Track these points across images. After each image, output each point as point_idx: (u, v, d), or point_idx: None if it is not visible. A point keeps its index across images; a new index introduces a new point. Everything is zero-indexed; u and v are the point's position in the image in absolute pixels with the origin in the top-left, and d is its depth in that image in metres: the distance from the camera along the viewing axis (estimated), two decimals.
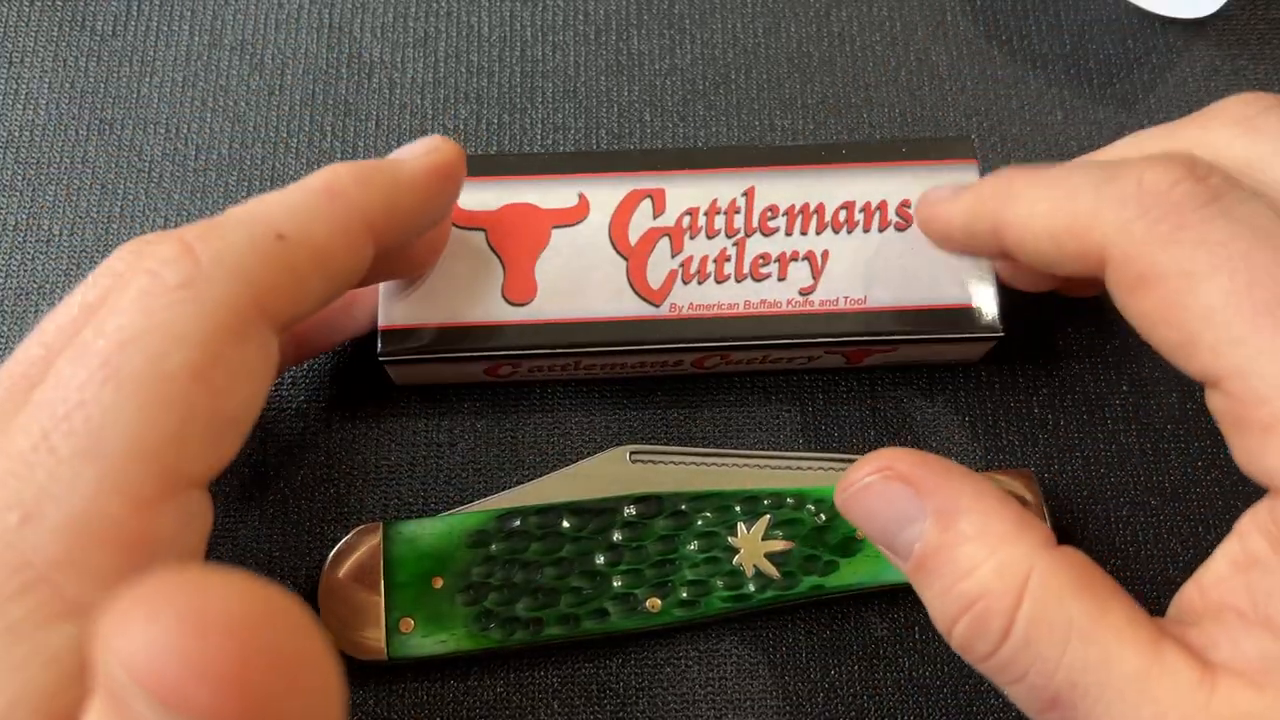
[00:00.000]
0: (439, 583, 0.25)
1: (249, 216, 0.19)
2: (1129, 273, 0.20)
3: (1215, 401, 0.20)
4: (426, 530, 0.25)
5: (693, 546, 0.25)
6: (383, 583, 0.24)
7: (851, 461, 0.26)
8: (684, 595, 0.25)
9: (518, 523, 0.25)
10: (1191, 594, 0.21)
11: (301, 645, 0.12)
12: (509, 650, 0.25)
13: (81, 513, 0.16)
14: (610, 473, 0.26)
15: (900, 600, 0.27)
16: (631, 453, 0.27)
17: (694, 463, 0.27)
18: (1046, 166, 0.23)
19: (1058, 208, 0.21)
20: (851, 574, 0.25)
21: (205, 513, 0.17)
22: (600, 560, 0.25)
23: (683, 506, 0.26)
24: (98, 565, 0.16)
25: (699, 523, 0.25)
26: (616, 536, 0.25)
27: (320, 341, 0.26)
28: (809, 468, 0.27)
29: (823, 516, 0.25)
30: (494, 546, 0.25)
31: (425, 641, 0.24)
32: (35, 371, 0.18)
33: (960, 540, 0.20)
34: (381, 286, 0.26)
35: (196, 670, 0.11)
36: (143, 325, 0.17)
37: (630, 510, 0.25)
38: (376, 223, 0.20)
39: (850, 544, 0.25)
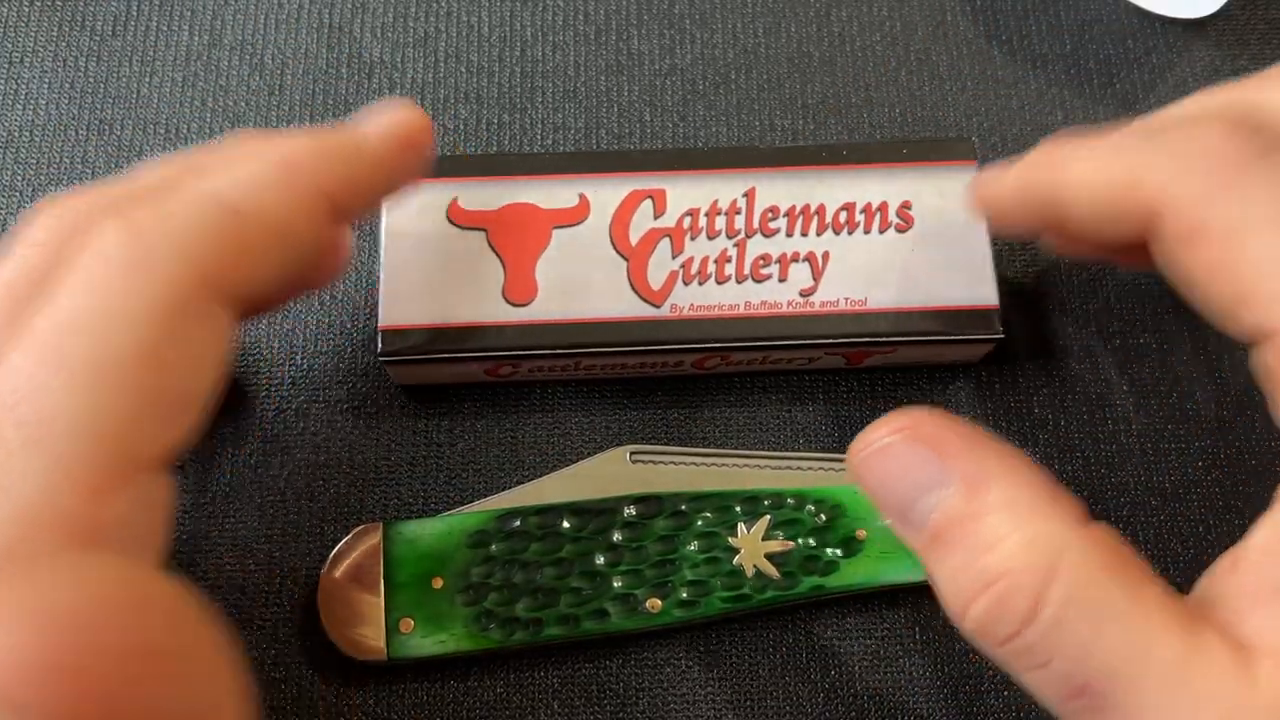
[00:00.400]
0: (439, 583, 0.25)
1: (199, 190, 0.18)
2: (1181, 227, 0.20)
3: (1263, 358, 0.19)
4: (426, 530, 0.25)
5: (693, 547, 0.25)
6: (383, 583, 0.24)
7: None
8: (684, 595, 0.25)
9: (518, 523, 0.25)
10: (1224, 572, 0.19)
11: (162, 634, 0.12)
12: (509, 650, 0.25)
13: (32, 504, 0.15)
14: (610, 473, 0.26)
15: (901, 600, 0.27)
16: (631, 453, 0.27)
17: (694, 463, 0.27)
18: (1096, 133, 0.22)
19: (1110, 167, 0.21)
20: (852, 574, 0.25)
21: (164, 495, 0.17)
22: (600, 560, 0.25)
23: (683, 507, 0.26)
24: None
25: (699, 523, 0.25)
26: (616, 537, 0.25)
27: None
28: (809, 468, 0.27)
29: (823, 517, 0.25)
30: (494, 547, 0.25)
31: (425, 642, 0.24)
32: None
33: (986, 510, 0.18)
34: (382, 286, 0.26)
35: (30, 668, 0.11)
36: (90, 308, 0.16)
37: (630, 510, 0.25)
38: (335, 194, 0.20)
39: (851, 544, 0.25)
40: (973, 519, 0.18)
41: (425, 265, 0.26)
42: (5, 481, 0.15)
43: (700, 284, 0.26)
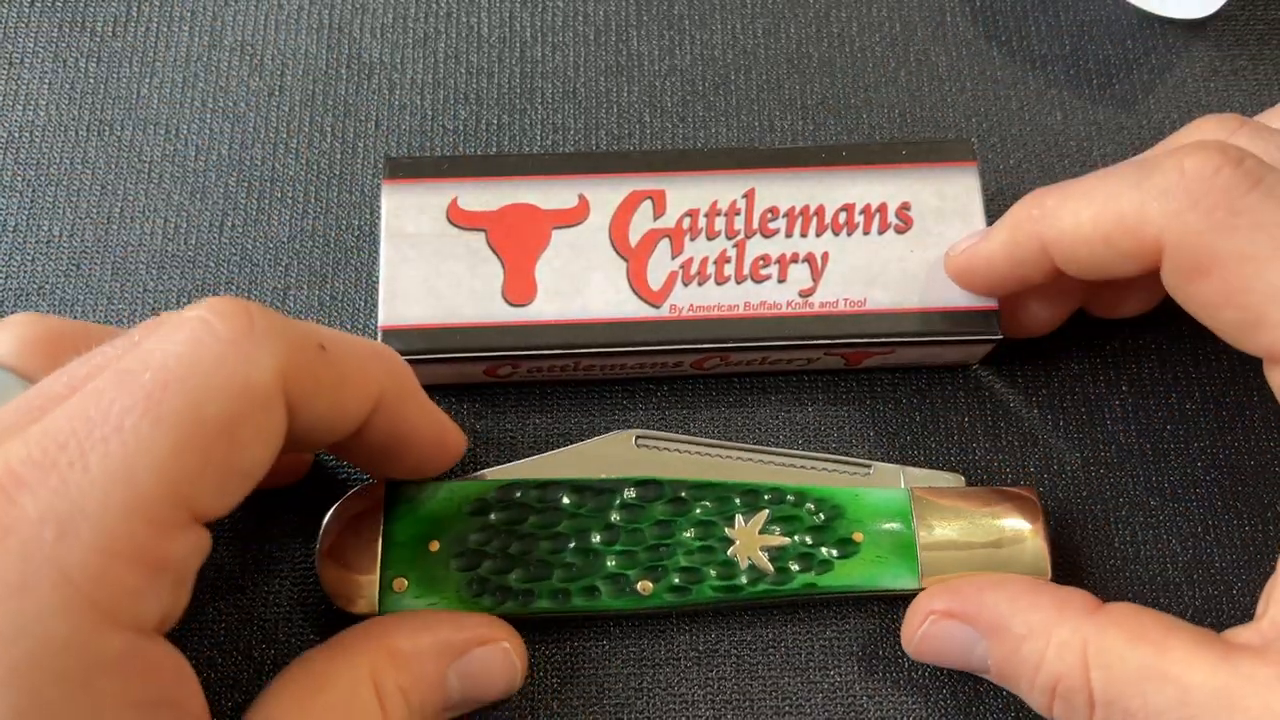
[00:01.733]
0: (435, 546, 0.25)
1: (303, 323, 0.20)
2: (1186, 262, 0.21)
3: (1278, 376, 0.21)
4: (428, 494, 0.25)
5: (689, 534, 0.25)
6: (381, 540, 0.24)
7: (852, 463, 0.27)
8: (676, 581, 0.25)
9: (518, 494, 0.25)
10: (1267, 595, 0.22)
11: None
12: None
13: (113, 533, 0.16)
14: (614, 454, 0.26)
15: (899, 602, 0.27)
16: (637, 437, 0.27)
17: (699, 452, 0.27)
18: (1068, 181, 0.24)
19: (1103, 211, 0.22)
20: (846, 575, 0.25)
21: (208, 544, 0.18)
22: (596, 539, 0.25)
23: (683, 493, 0.26)
24: (129, 583, 0.17)
25: (697, 511, 0.25)
26: (614, 517, 0.25)
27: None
28: (812, 466, 0.27)
29: (822, 516, 0.25)
30: (493, 516, 0.25)
31: (417, 603, 0.24)
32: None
33: (1017, 643, 0.22)
34: (382, 286, 0.26)
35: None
36: (188, 369, 0.17)
37: (630, 492, 0.25)
38: (383, 402, 0.21)
39: (847, 545, 0.25)
40: (1012, 654, 0.22)
41: (425, 265, 0.26)
42: (88, 508, 0.16)
43: (700, 284, 0.26)
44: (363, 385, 0.21)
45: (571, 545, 0.25)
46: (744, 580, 0.25)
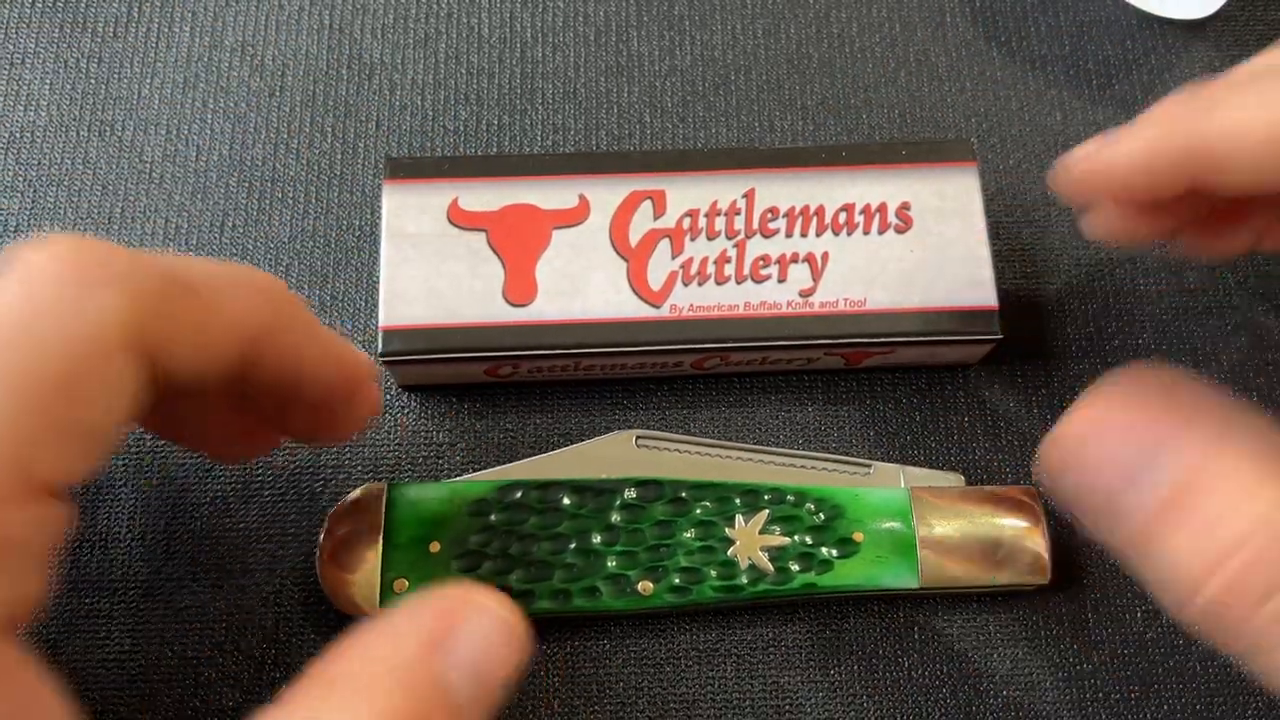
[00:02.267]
0: (436, 547, 0.25)
1: (156, 257, 0.18)
2: None
3: None
4: (429, 495, 0.25)
5: (689, 534, 0.25)
6: (381, 542, 0.24)
7: (852, 462, 0.27)
8: (676, 581, 0.25)
9: (519, 495, 0.25)
10: None
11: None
12: None
13: None
14: (615, 454, 0.26)
15: (900, 601, 0.27)
16: (638, 437, 0.27)
17: (698, 452, 0.27)
18: (1232, 73, 0.21)
19: (1277, 107, 0.19)
20: (846, 575, 0.25)
21: (59, 521, 0.16)
22: (597, 539, 0.25)
23: (683, 494, 0.26)
24: None
25: (698, 511, 0.26)
26: (615, 518, 0.25)
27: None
28: (812, 466, 0.27)
29: (822, 516, 0.26)
30: (493, 516, 0.25)
31: None
32: None
33: (1219, 476, 0.17)
34: (382, 286, 0.26)
35: None
36: (17, 320, 0.16)
37: (630, 493, 0.26)
38: (264, 336, 0.19)
39: (847, 545, 0.25)
40: (1206, 488, 0.17)
41: (425, 265, 0.26)
42: None
43: (700, 284, 0.26)
44: (232, 319, 0.18)
45: (572, 546, 0.25)
46: (744, 580, 0.25)
